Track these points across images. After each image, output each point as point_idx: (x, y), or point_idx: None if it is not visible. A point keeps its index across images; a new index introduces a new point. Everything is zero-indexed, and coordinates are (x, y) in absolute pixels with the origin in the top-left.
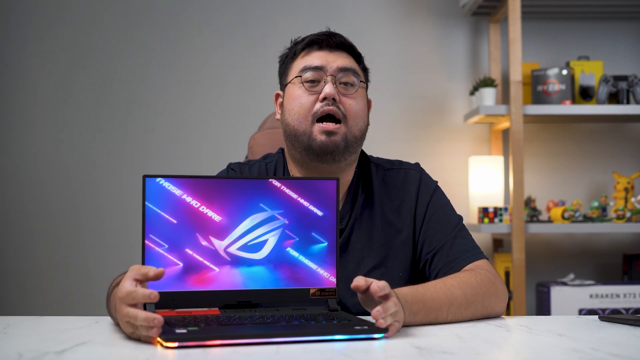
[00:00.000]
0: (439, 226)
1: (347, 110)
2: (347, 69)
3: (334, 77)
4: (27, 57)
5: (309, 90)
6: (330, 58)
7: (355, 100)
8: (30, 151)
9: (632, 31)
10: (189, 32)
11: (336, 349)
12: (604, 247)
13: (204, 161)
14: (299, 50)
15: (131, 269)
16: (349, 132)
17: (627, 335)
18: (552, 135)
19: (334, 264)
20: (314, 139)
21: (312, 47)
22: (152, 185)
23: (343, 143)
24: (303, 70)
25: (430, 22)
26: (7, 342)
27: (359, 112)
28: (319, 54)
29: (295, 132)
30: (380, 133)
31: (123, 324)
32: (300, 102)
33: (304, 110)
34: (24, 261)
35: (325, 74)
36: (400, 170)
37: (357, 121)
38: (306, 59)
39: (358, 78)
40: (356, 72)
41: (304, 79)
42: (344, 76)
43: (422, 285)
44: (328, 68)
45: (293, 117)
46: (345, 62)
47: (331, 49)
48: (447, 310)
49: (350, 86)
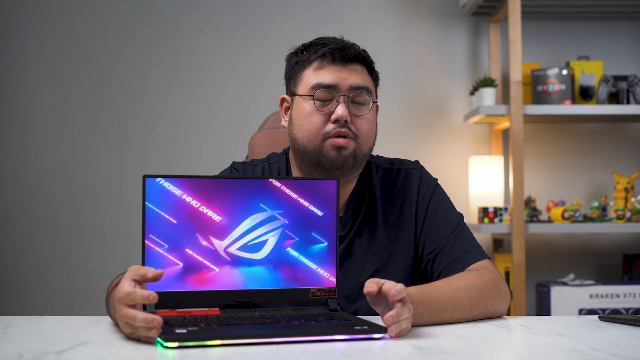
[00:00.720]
0: (440, 225)
1: (359, 129)
2: (360, 88)
3: (346, 97)
4: (27, 57)
5: (320, 109)
6: (344, 74)
7: (366, 120)
8: (30, 151)
9: (632, 31)
10: (189, 32)
11: (336, 349)
12: (604, 247)
13: (204, 161)
14: (311, 60)
15: (130, 270)
16: (358, 150)
17: (627, 335)
18: (552, 135)
19: (334, 264)
20: (324, 155)
21: (325, 58)
22: (152, 185)
23: (352, 159)
24: (315, 87)
25: (430, 22)
26: (7, 342)
27: (369, 132)
28: (332, 68)
29: (304, 149)
30: (380, 133)
31: (122, 324)
32: (311, 120)
33: (315, 129)
34: (24, 261)
35: (338, 93)
36: (400, 170)
37: (368, 140)
38: (319, 74)
39: (371, 97)
40: (369, 89)
41: (316, 97)
42: (357, 95)
43: (428, 285)
44: (341, 87)
45: (303, 135)
46: (358, 78)
47: (345, 63)
48: (451, 312)
49: (362, 106)
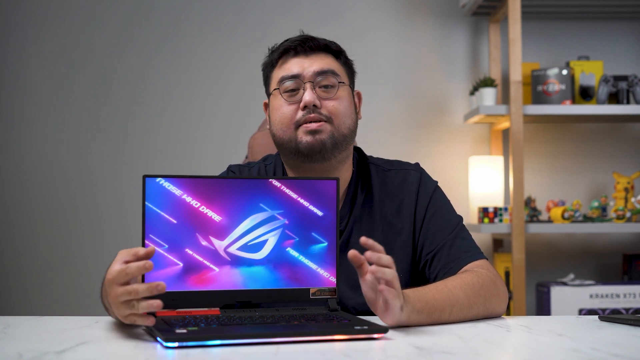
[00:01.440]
0: (439, 226)
1: (331, 112)
2: (325, 72)
3: (312, 83)
4: (27, 57)
5: (288, 100)
6: (307, 63)
7: (337, 100)
8: (30, 151)
9: (632, 31)
10: (189, 32)
11: (336, 349)
12: (604, 247)
13: (204, 161)
14: (275, 59)
15: (119, 253)
16: (335, 131)
17: (627, 335)
18: (552, 135)
19: (334, 264)
20: (300, 141)
21: (288, 54)
22: (152, 185)
23: (330, 141)
24: (281, 80)
25: (430, 22)
26: (7, 342)
27: (344, 111)
28: (295, 60)
29: (282, 141)
30: (380, 133)
31: (117, 306)
32: (282, 112)
33: (287, 120)
34: (24, 261)
35: (303, 80)
36: (399, 171)
37: (344, 120)
38: (283, 68)
39: (337, 78)
40: (334, 72)
41: (283, 89)
42: (323, 79)
43: (423, 287)
44: (305, 74)
45: (277, 127)
46: (321, 64)
47: (307, 53)
48: (450, 311)
49: (330, 88)
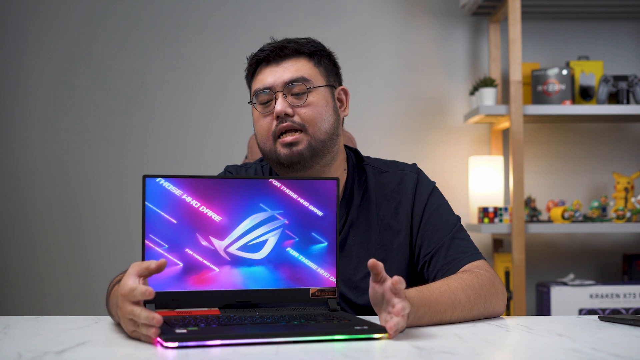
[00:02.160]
0: (437, 227)
1: (304, 119)
2: (293, 80)
3: (282, 93)
4: (27, 57)
5: (263, 112)
6: (279, 72)
7: (309, 107)
8: (30, 151)
9: (632, 31)
10: (189, 32)
11: (336, 349)
12: (604, 247)
13: (204, 161)
14: (250, 70)
15: (132, 266)
16: (312, 139)
17: (627, 336)
18: (552, 136)
19: (334, 264)
20: (279, 154)
21: (261, 64)
22: (152, 185)
23: (308, 151)
24: (255, 93)
25: (430, 22)
26: (7, 342)
27: (318, 117)
28: (268, 70)
29: (263, 152)
30: (380, 133)
31: (125, 321)
32: (260, 124)
33: (264, 131)
34: (24, 261)
35: (274, 91)
36: (396, 172)
37: (319, 125)
38: (257, 80)
39: (308, 83)
40: (304, 78)
41: (258, 101)
42: (293, 88)
43: (427, 287)
44: (275, 85)
45: (259, 139)
46: (292, 72)
47: (278, 62)
48: (451, 313)
49: (301, 95)
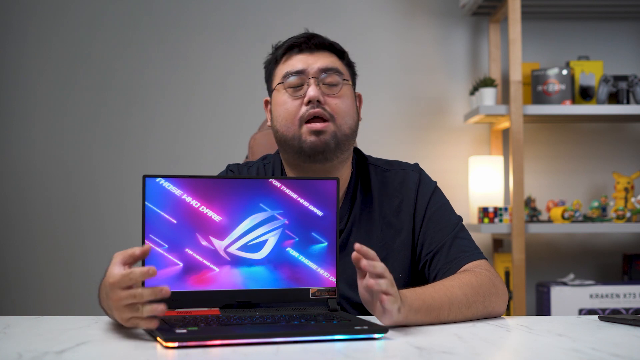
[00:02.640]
0: (439, 227)
1: (334, 110)
2: (329, 69)
3: (316, 79)
4: (27, 57)
5: (293, 95)
6: (311, 60)
7: (340, 99)
8: (30, 151)
9: (632, 31)
10: (189, 32)
11: (336, 349)
12: (604, 247)
13: (204, 161)
14: (279, 55)
15: (115, 256)
16: (338, 131)
17: (627, 336)
18: (552, 136)
19: (334, 264)
20: (303, 140)
21: (293, 50)
22: (152, 185)
23: (333, 141)
24: (285, 76)
25: (430, 22)
26: (7, 342)
27: (346, 110)
28: (300, 57)
29: (285, 137)
30: (380, 134)
31: (120, 309)
32: (286, 107)
33: (291, 115)
34: (24, 261)
35: (307, 76)
36: (399, 171)
37: (346, 119)
38: (288, 64)
39: (341, 76)
40: (339, 70)
41: (287, 84)
42: (327, 77)
43: (421, 287)
44: (309, 70)
45: (281, 123)
46: (326, 62)
47: (311, 51)
48: (448, 310)
49: (333, 86)
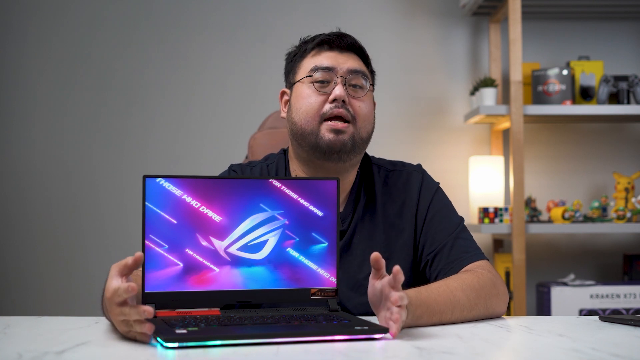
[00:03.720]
0: (440, 227)
1: (356, 112)
2: (357, 71)
3: (344, 79)
4: (27, 57)
5: (318, 90)
6: (341, 59)
7: (364, 102)
8: (30, 151)
9: (632, 31)
10: (189, 32)
11: (336, 349)
12: (604, 247)
13: (204, 161)
14: (309, 49)
15: (112, 268)
16: (356, 133)
17: (628, 336)
18: (553, 136)
19: (334, 264)
20: (322, 137)
21: (323, 46)
22: (152, 185)
23: (350, 142)
24: (313, 70)
25: (430, 22)
26: (7, 342)
27: (368, 115)
28: (330, 54)
29: (302, 131)
30: (380, 134)
31: (118, 323)
32: (310, 101)
33: (313, 110)
34: (24, 261)
35: (336, 75)
36: (402, 172)
37: (365, 124)
38: (316, 59)
39: (367, 81)
40: (365, 74)
41: (314, 79)
42: (354, 78)
43: (426, 287)
44: (339, 69)
45: (301, 116)
46: (355, 64)
47: (341, 50)
48: (451, 313)
49: (359, 89)
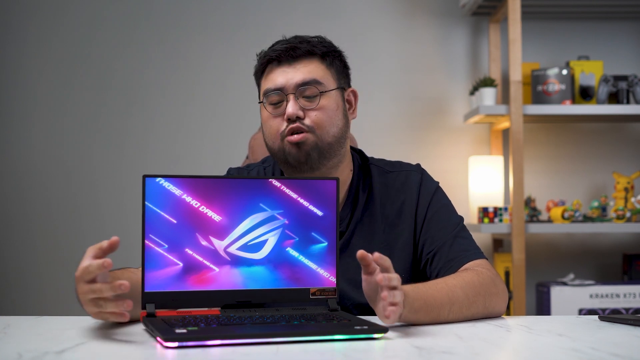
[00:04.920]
0: (440, 226)
1: (314, 122)
2: (306, 82)
3: (294, 95)
4: (27, 57)
5: (274, 112)
6: (291, 73)
7: (320, 110)
8: (30, 151)
9: (632, 31)
10: (189, 32)
11: (336, 349)
12: (604, 247)
13: (204, 161)
14: (261, 68)
15: (87, 250)
16: (319, 141)
17: (627, 335)
18: (552, 136)
19: (334, 264)
20: (288, 153)
21: (272, 63)
22: (152, 185)
23: (315, 152)
24: (265, 93)
25: (430, 22)
26: (7, 342)
27: (327, 120)
28: (279, 70)
29: (272, 151)
30: (380, 134)
31: (85, 303)
32: (270, 124)
33: (273, 132)
34: (24, 261)
35: (285, 92)
36: (401, 172)
37: (327, 129)
38: (268, 79)
39: (320, 87)
40: (317, 80)
41: (269, 101)
42: (305, 90)
43: (424, 283)
44: (288, 86)
45: (267, 138)
46: (304, 74)
47: (290, 62)
48: (449, 309)
49: (313, 98)
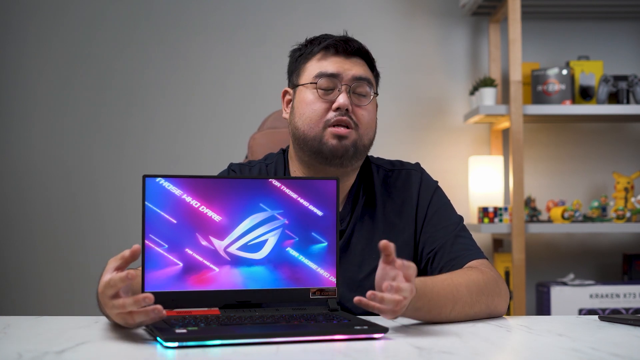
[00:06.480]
0: (440, 225)
1: (359, 120)
2: (362, 79)
3: (348, 87)
4: (27, 57)
5: (322, 97)
6: (347, 65)
7: (367, 111)
8: (30, 151)
9: (632, 31)
10: (189, 32)
11: (336, 349)
12: (604, 247)
13: (204, 161)
14: (314, 51)
15: (109, 262)
16: (359, 140)
17: (627, 335)
18: (552, 135)
19: (333, 264)
20: (325, 142)
21: (329, 50)
22: (152, 185)
23: (353, 149)
24: (318, 76)
25: (430, 22)
26: (7, 342)
27: (370, 123)
28: (335, 59)
29: (305, 136)
30: (380, 134)
31: (115, 317)
32: (313, 108)
33: (317, 117)
34: (24, 261)
35: (340, 82)
36: (401, 171)
37: (368, 131)
38: (322, 64)
39: (372, 89)
40: (370, 82)
41: (319, 85)
42: (359, 86)
43: (431, 278)
44: (343, 76)
45: (304, 122)
46: (360, 70)
47: (347, 55)
48: (452, 308)
49: (363, 97)
